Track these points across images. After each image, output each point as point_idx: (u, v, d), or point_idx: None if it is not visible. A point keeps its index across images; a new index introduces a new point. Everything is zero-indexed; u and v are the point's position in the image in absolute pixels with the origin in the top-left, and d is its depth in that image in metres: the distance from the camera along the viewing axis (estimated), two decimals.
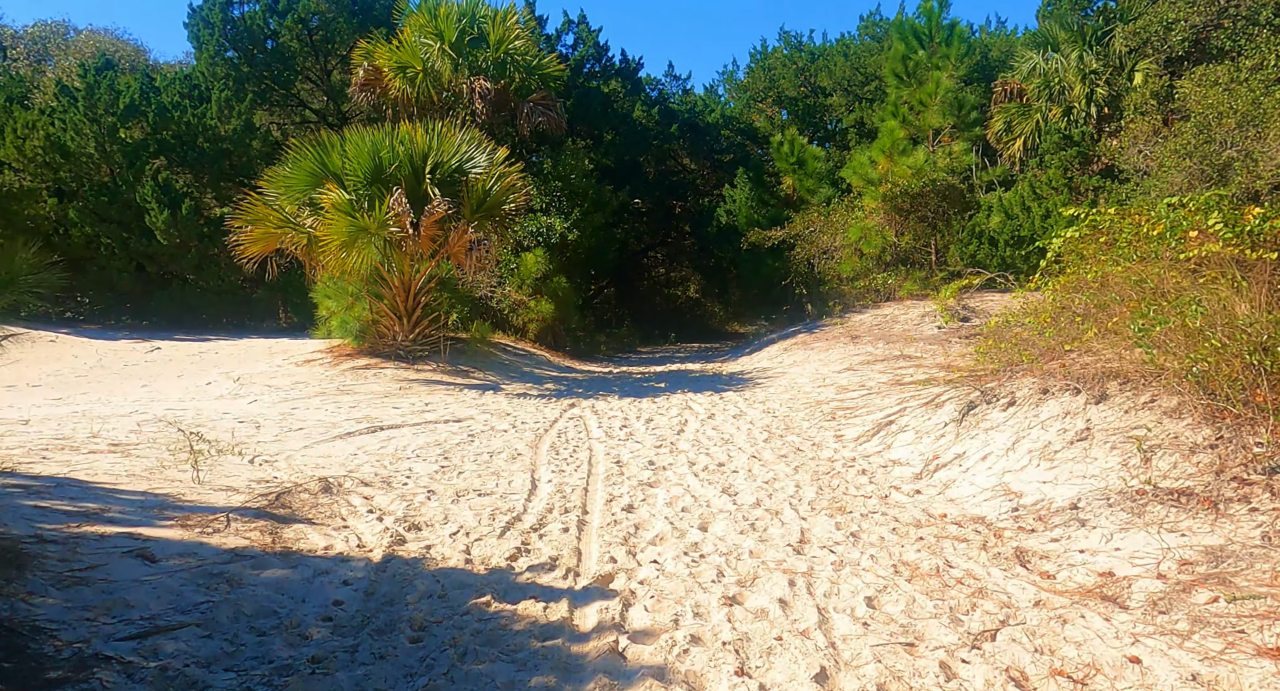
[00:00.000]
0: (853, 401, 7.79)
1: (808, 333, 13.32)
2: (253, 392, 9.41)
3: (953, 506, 4.18)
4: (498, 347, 12.99)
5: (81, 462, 4.91)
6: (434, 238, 10.42)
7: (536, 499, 4.90)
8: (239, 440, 6.41)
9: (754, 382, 10.52)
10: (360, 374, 10.44)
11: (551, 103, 15.33)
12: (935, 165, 13.99)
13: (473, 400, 9.28)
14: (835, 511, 4.33)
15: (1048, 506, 3.68)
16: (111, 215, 14.23)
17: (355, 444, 6.53)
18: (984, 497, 4.10)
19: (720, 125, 25.34)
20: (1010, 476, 4.16)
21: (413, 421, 7.73)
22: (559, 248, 15.30)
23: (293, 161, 10.47)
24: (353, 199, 10.27)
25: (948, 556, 3.46)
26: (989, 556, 3.38)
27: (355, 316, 11.40)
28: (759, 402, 8.76)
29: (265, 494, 4.55)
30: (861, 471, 5.15)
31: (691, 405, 8.82)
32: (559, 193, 15.62)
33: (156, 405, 8.40)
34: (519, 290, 14.53)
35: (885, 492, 4.61)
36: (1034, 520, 3.63)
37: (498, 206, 10.97)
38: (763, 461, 5.73)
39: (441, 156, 10.63)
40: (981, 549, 3.48)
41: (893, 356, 10.28)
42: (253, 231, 10.29)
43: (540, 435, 7.06)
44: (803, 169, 17.73)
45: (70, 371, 10.72)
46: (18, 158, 14.12)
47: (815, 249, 15.18)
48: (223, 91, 15.07)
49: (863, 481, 4.92)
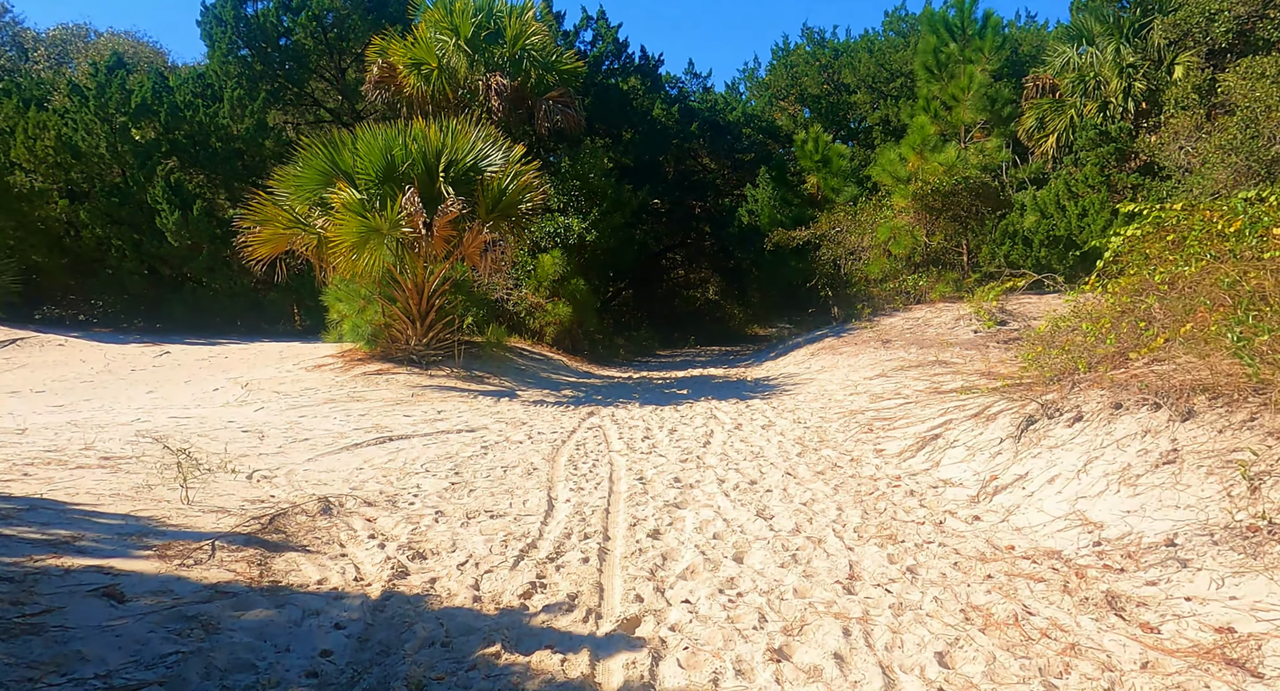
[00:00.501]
0: (890, 411, 7.33)
1: (835, 336, 12.84)
2: (260, 399, 9.11)
3: (1021, 537, 3.73)
4: (514, 352, 12.63)
5: (64, 480, 4.58)
6: (448, 238, 10.08)
7: (553, 521, 4.50)
8: (240, 452, 6.08)
9: (781, 389, 10.07)
10: (371, 380, 10.12)
11: (569, 100, 14.98)
12: (967, 162, 13.47)
13: (487, 408, 8.91)
14: (885, 540, 3.90)
15: (1136, 541, 3.23)
16: (123, 216, 14.04)
17: (362, 456, 6.17)
18: (1057, 527, 3.64)
19: (741, 123, 24.89)
20: (1086, 504, 3.70)
21: (424, 431, 7.37)
22: (577, 249, 14.93)
23: (303, 160, 10.17)
24: (364, 198, 9.95)
25: (1025, 600, 3.01)
26: (1075, 602, 2.93)
27: (367, 320, 11.08)
28: (788, 411, 8.32)
29: (259, 516, 4.18)
30: (909, 492, 4.70)
31: (717, 414, 8.39)
32: (577, 192, 15.25)
33: (160, 413, 8.11)
34: (536, 292, 14.16)
35: (939, 518, 4.17)
36: (1122, 557, 3.17)
37: (514, 206, 10.61)
38: (798, 479, 5.29)
39: (456, 154, 10.28)
40: (1064, 591, 3.03)
41: (927, 362, 9.80)
42: (261, 232, 10.00)
43: (558, 447, 6.67)
44: (827, 167, 17.24)
45: (76, 376, 10.48)
46: (29, 158, 13.97)
47: (842, 249, 14.70)
48: (235, 90, 14.85)
49: (912, 504, 4.47)
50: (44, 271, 14.34)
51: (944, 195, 13.13)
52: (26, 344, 12.23)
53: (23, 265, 14.20)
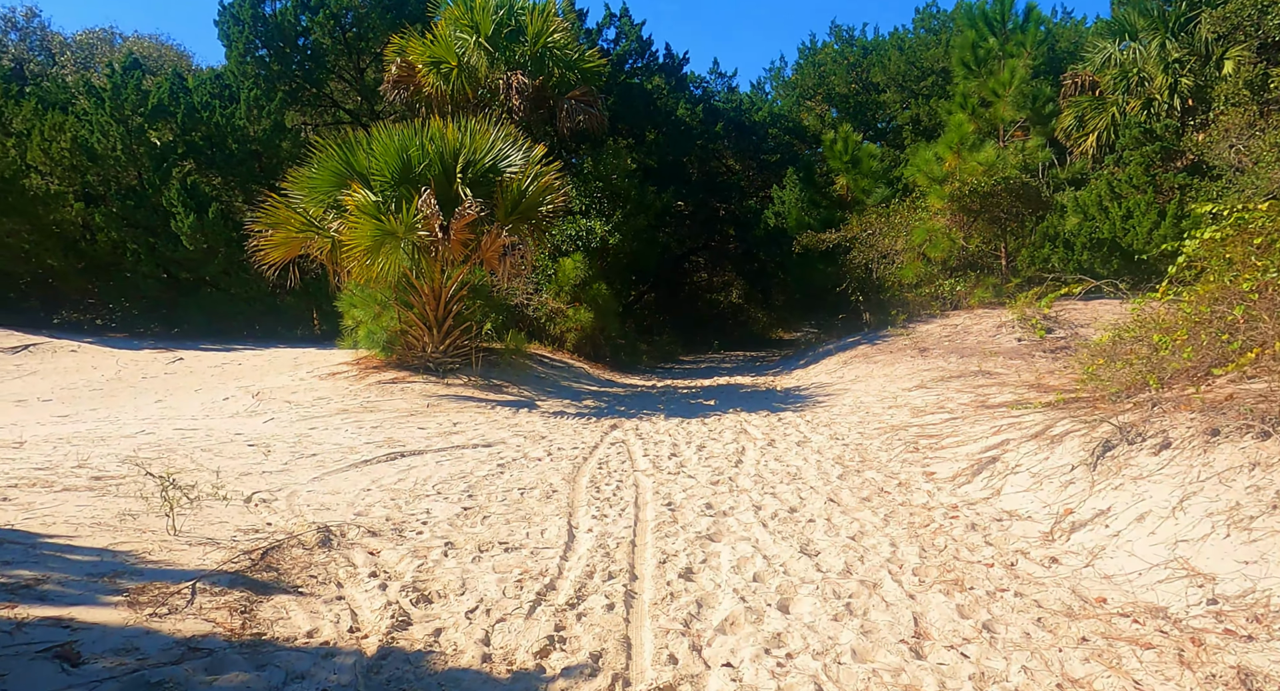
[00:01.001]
0: (935, 427, 6.83)
1: (869, 344, 12.32)
2: (271, 409, 8.79)
3: (1113, 587, 3.24)
4: (534, 359, 12.25)
5: (45, 505, 4.23)
6: (465, 242, 9.73)
7: (574, 555, 4.08)
8: (241, 470, 5.73)
9: (814, 401, 9.59)
10: (386, 389, 9.78)
11: (592, 99, 14.60)
12: (1006, 162, 12.91)
13: (505, 420, 8.52)
14: (951, 586, 3.43)
15: (1264, 601, 2.74)
16: (138, 219, 13.87)
17: (370, 475, 5.80)
18: (1156, 577, 3.16)
19: (767, 124, 24.42)
20: (1188, 549, 3.22)
21: (438, 446, 6.99)
22: (599, 252, 14.53)
23: (317, 161, 9.88)
24: (379, 201, 9.63)
25: (1134, 674, 2.54)
26: (1198, 679, 2.45)
27: (383, 326, 10.76)
28: (824, 426, 7.84)
29: (250, 550, 3.80)
30: (970, 525, 4.23)
31: (747, 428, 7.94)
32: (599, 194, 14.86)
33: (166, 424, 7.81)
34: (556, 297, 13.79)
35: (1010, 559, 3.69)
36: (1248, 621, 2.69)
37: (534, 208, 10.24)
38: (842, 507, 4.83)
39: (474, 154, 9.93)
40: (1181, 663, 2.56)
41: (969, 372, 9.28)
42: (274, 236, 9.71)
43: (579, 466, 6.25)
44: (857, 168, 16.71)
45: (86, 384, 10.25)
46: (45, 161, 13.85)
47: (874, 253, 14.17)
48: (252, 91, 14.64)
49: (975, 541, 4.00)
50: (59, 275, 14.21)
51: (982, 196, 12.57)
52: (39, 350, 12.06)
53: (38, 269, 14.08)
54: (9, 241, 13.39)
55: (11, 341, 12.15)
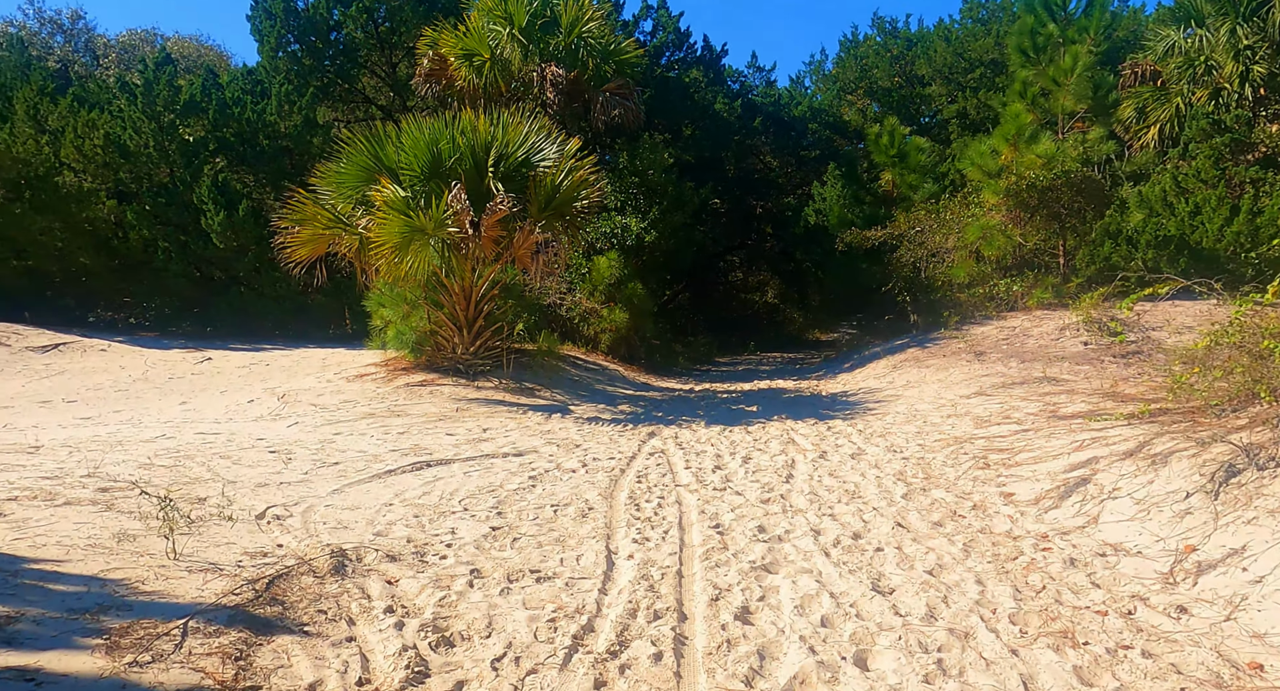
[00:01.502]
0: (1004, 440, 6.27)
1: (919, 347, 11.72)
2: (296, 413, 8.50)
3: (1268, 650, 2.71)
4: (567, 361, 11.85)
5: (41, 523, 3.90)
6: (497, 239, 9.35)
7: (614, 588, 3.64)
8: (258, 480, 5.39)
9: (864, 408, 9.04)
10: (415, 392, 9.44)
11: (628, 92, 14.17)
12: (1066, 154, 12.20)
13: (537, 426, 8.12)
14: (1060, 640, 2.92)
15: None
16: (169, 217, 13.76)
17: (394, 487, 5.42)
18: None
19: (807, 118, 23.79)
20: None
21: (466, 455, 6.61)
22: (634, 250, 14.10)
23: (345, 156, 9.57)
24: (408, 196, 9.29)
25: None
26: None
27: (412, 326, 10.43)
28: (878, 436, 7.31)
29: (255, 578, 3.42)
30: (1069, 561, 3.70)
31: (795, 438, 7.44)
32: (635, 190, 14.43)
33: (188, 428, 7.54)
34: (590, 297, 13.38)
35: (1126, 605, 3.17)
36: None
37: (568, 204, 9.83)
38: (913, 533, 4.33)
39: (506, 148, 9.55)
40: None
41: (1033, 379, 8.66)
42: (300, 232, 9.43)
43: (616, 479, 5.82)
44: (904, 163, 16.06)
45: (112, 385, 10.08)
46: (77, 158, 13.80)
47: (923, 251, 13.54)
48: (283, 86, 14.46)
49: (1079, 581, 3.47)
50: (92, 273, 14.16)
51: (1040, 191, 11.89)
52: (69, 349, 11.96)
53: (70, 268, 14.04)
54: (42, 239, 13.36)
55: (42, 340, 12.08)
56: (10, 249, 13.32)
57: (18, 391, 9.83)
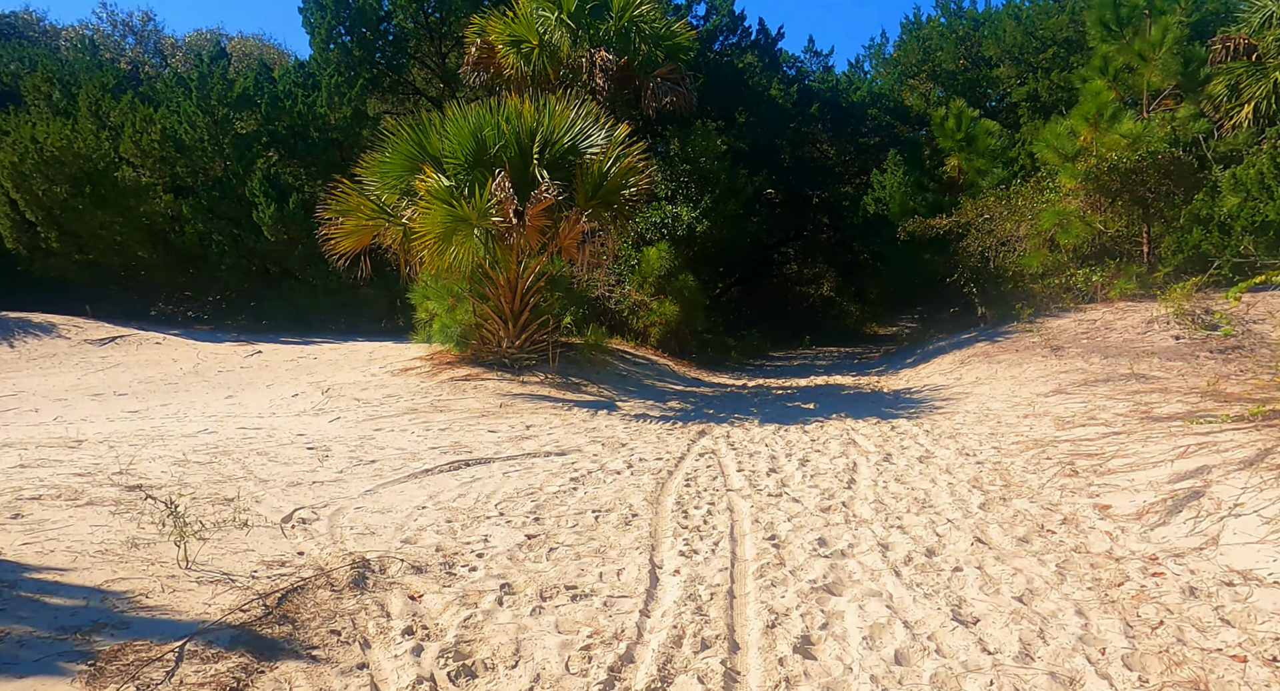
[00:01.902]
0: (1092, 444, 5.70)
1: (989, 341, 11.04)
2: (338, 407, 8.37)
3: None
4: (615, 355, 11.52)
5: (56, 526, 3.73)
6: (542, 229, 9.07)
7: (657, 609, 3.28)
8: (290, 479, 5.20)
9: (930, 406, 8.48)
10: (459, 386, 9.24)
11: (680, 77, 13.73)
12: (1153, 134, 11.34)
13: (582, 423, 7.81)
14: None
15: None
16: (222, 210, 13.88)
17: (429, 488, 5.16)
18: None
19: (866, 104, 22.98)
20: None
21: (507, 453, 6.33)
22: (685, 241, 13.67)
23: (389, 145, 9.40)
24: (452, 185, 9.06)
25: None
26: None
27: (457, 320, 10.24)
28: (947, 437, 6.78)
29: (268, 592, 3.17)
30: (1188, 590, 3.19)
31: (856, 438, 6.96)
32: (686, 178, 13.99)
33: (230, 423, 7.46)
34: (640, 289, 13.02)
35: (1271, 651, 2.67)
36: None
37: (616, 192, 9.48)
38: (995, 551, 3.86)
39: (552, 134, 9.25)
40: None
41: (1119, 376, 8.00)
42: (344, 224, 9.30)
43: (663, 482, 5.46)
44: (971, 147, 15.27)
45: (163, 378, 10.14)
46: (135, 153, 14.01)
47: (992, 240, 12.80)
48: (333, 77, 14.45)
49: (1204, 615, 2.97)
50: (150, 267, 14.40)
51: (1124, 173, 11.06)
52: (125, 342, 12.15)
53: (130, 262, 14.30)
54: (102, 233, 13.62)
55: (101, 333, 12.30)
56: (73, 243, 13.62)
57: (73, 384, 9.96)
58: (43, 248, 13.40)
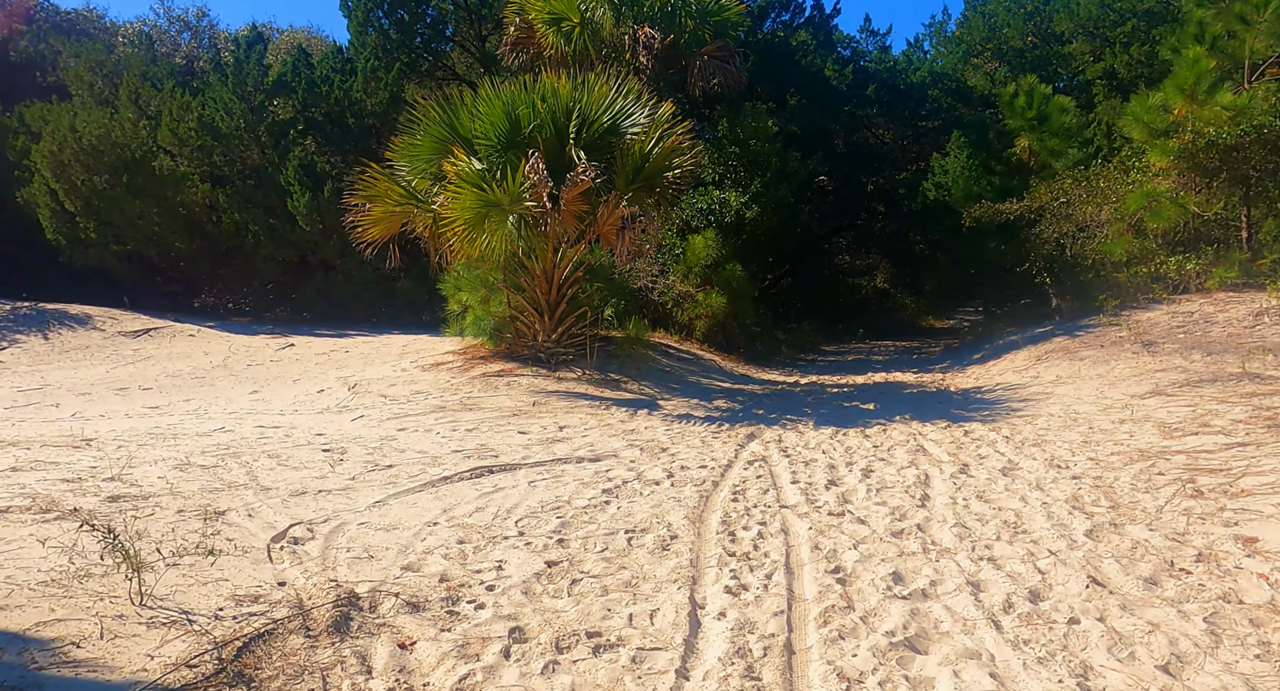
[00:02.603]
0: (1213, 457, 4.89)
1: (1068, 336, 10.11)
2: (363, 405, 7.94)
3: None
4: (657, 350, 10.91)
5: (10, 546, 3.28)
6: (579, 214, 8.49)
7: (698, 667, 2.69)
8: (296, 488, 4.73)
9: (1007, 407, 7.67)
10: (491, 383, 8.74)
11: (729, 54, 13.02)
12: (1257, 106, 10.24)
13: (620, 424, 7.22)
14: None
15: None
16: (258, 199, 13.65)
17: (444, 500, 4.64)
18: None
19: (926, 84, 21.85)
20: None
21: (536, 458, 5.78)
22: (734, 228, 12.95)
23: (420, 127, 8.92)
24: (484, 169, 8.54)
25: None
26: None
27: (491, 312, 9.75)
28: (1032, 445, 6.01)
29: (228, 638, 2.64)
30: None
31: (925, 445, 6.23)
32: (735, 161, 13.25)
33: (249, 420, 7.08)
34: (685, 280, 12.36)
35: None
36: None
37: (658, 174, 8.86)
38: (1118, 595, 3.14)
39: (590, 112, 8.65)
40: None
41: (1227, 375, 7.09)
42: (372, 211, 8.85)
43: (707, 495, 4.84)
44: (1044, 126, 14.20)
45: (191, 372, 9.86)
46: (173, 141, 13.86)
47: (1070, 225, 11.80)
48: (369, 61, 14.08)
49: None
50: (188, 258, 14.26)
51: (1224, 150, 10.00)
52: (159, 334, 11.97)
53: (169, 252, 14.17)
54: (139, 223, 13.50)
55: (136, 325, 12.15)
56: (110, 234, 13.53)
57: (101, 377, 9.76)
58: (81, 238, 13.34)
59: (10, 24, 20.60)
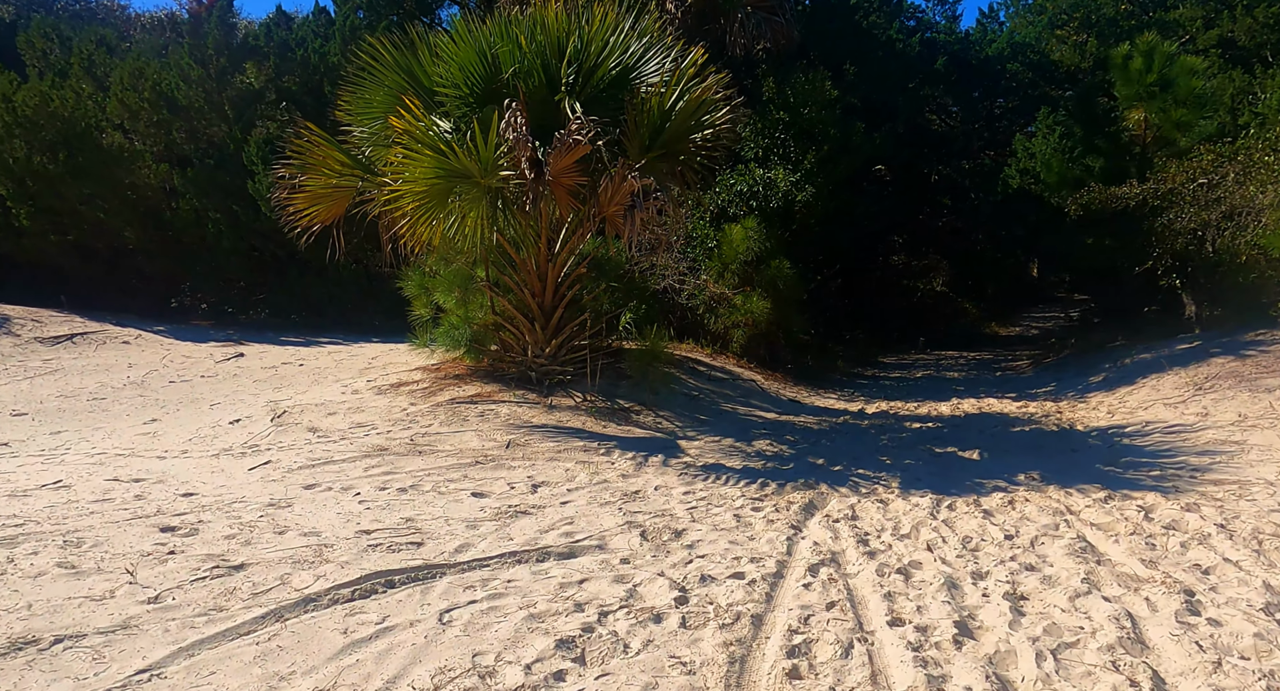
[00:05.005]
0: None
1: (1232, 356, 7.80)
2: (280, 443, 6.04)
3: None
4: (683, 367, 8.85)
5: None
6: (575, 190, 6.48)
7: None
8: (40, 628, 2.79)
9: (1183, 465, 5.44)
10: (460, 413, 6.76)
11: (777, 5, 10.94)
12: None
13: (620, 481, 5.20)
14: None
15: None
16: (219, 182, 11.90)
17: (276, 660, 2.68)
18: None
19: (1005, 56, 19.43)
20: None
21: (477, 551, 3.82)
22: (780, 215, 10.80)
23: (371, 74, 7.00)
24: (450, 130, 6.60)
25: None
26: None
27: (469, 318, 7.80)
28: (1273, 540, 3.83)
29: None
30: None
31: (1089, 536, 4.11)
32: (783, 133, 11.10)
33: (108, 469, 5.23)
34: (719, 279, 10.26)
35: None
36: None
37: (684, 137, 6.84)
38: None
39: (590, 54, 6.65)
40: None
41: None
42: (307, 185, 6.95)
43: (745, 647, 2.80)
44: (1168, 92, 11.81)
45: (92, 391, 8.05)
46: (123, 114, 12.18)
47: (1215, 214, 9.47)
48: (348, 19, 12.27)
49: None
50: (142, 250, 12.58)
51: None
52: (86, 341, 10.24)
53: (118, 243, 12.51)
54: (82, 210, 11.84)
55: (61, 329, 10.45)
56: (49, 221, 11.89)
57: None
58: (14, 226, 11.72)
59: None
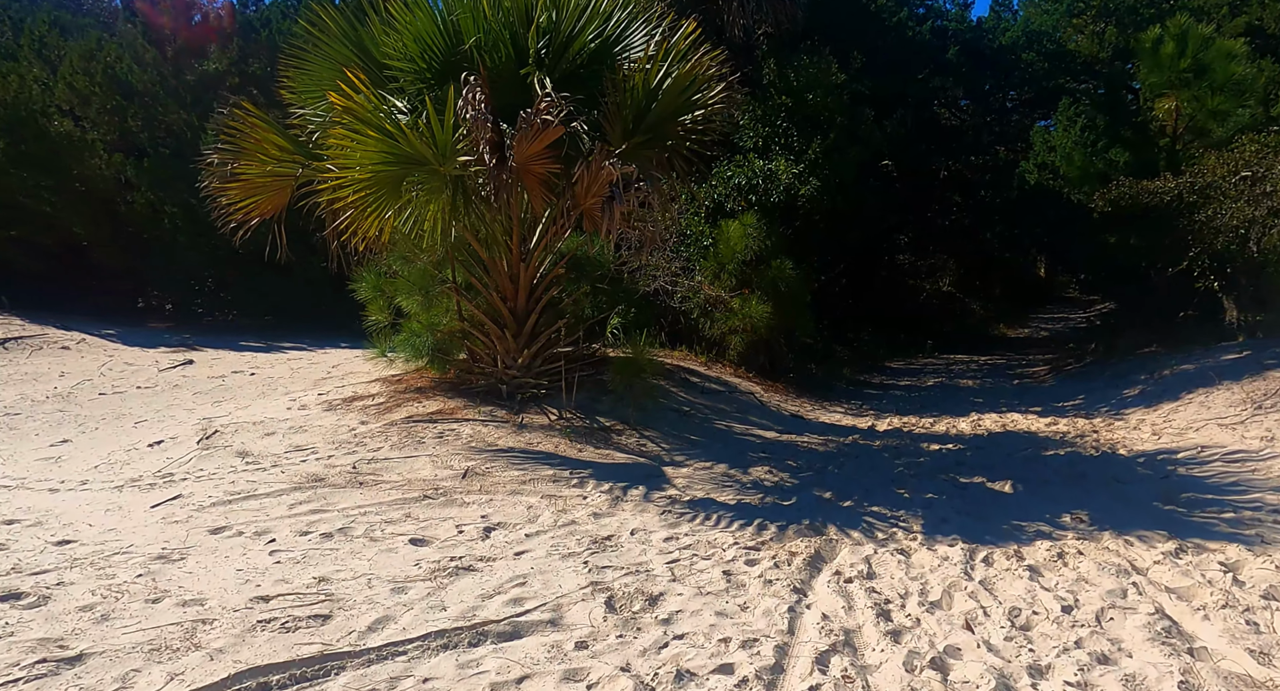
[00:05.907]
0: None
1: None
2: (201, 471, 5.23)
3: None
4: (673, 378, 8.04)
5: None
6: (548, 179, 5.67)
7: None
8: None
9: (1260, 505, 4.64)
10: (415, 434, 5.96)
11: None
12: None
13: (590, 522, 4.39)
14: None
15: None
16: (176, 172, 11.09)
17: None
18: None
19: (1019, 45, 18.59)
20: None
21: (395, 628, 3.05)
22: (782, 210, 9.98)
23: (314, 46, 6.20)
24: (404, 110, 5.80)
25: None
26: None
27: (433, 325, 7.00)
28: None
29: None
30: None
31: (1168, 607, 3.32)
32: (785, 120, 10.27)
33: None
34: (715, 281, 9.44)
35: None
36: None
37: (673, 118, 6.06)
38: None
39: (564, 23, 5.84)
40: None
41: None
42: (242, 172, 6.15)
43: None
44: (1203, 79, 11.01)
45: (7, 405, 7.21)
46: (73, 99, 11.38)
47: (1258, 210, 8.66)
48: None
49: None
50: (95, 245, 11.77)
51: None
52: (21, 346, 9.43)
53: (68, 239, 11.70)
54: (26, 202, 11.02)
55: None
56: None
57: None
58: None
59: None
